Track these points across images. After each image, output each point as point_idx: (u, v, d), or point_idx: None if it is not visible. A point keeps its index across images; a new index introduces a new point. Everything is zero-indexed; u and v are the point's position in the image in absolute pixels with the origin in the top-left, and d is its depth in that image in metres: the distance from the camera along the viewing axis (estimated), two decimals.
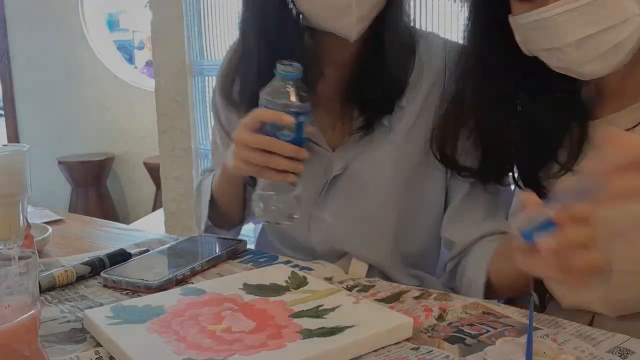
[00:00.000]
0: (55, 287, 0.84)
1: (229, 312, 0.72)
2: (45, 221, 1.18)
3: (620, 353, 0.64)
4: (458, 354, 0.65)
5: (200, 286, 0.80)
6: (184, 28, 2.71)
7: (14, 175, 0.83)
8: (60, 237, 1.08)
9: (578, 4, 0.73)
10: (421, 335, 0.69)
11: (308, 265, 0.92)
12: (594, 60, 0.75)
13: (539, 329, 0.70)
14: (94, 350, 0.66)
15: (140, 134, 4.00)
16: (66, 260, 0.95)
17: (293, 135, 0.89)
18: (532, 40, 0.79)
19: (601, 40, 0.74)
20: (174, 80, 2.77)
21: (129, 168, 4.11)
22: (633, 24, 0.73)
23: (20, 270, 0.50)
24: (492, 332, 0.69)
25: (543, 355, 0.62)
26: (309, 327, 0.67)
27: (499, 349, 0.64)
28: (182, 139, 2.81)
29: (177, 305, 0.74)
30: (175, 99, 2.79)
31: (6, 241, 0.84)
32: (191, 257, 0.92)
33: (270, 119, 0.87)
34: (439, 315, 0.74)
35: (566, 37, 0.75)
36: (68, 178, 4.06)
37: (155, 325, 0.68)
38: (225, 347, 0.63)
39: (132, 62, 4.02)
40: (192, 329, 0.67)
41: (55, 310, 0.77)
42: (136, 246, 1.00)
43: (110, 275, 0.85)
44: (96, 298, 0.81)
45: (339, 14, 0.89)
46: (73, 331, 0.71)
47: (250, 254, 0.99)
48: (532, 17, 0.77)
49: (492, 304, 0.78)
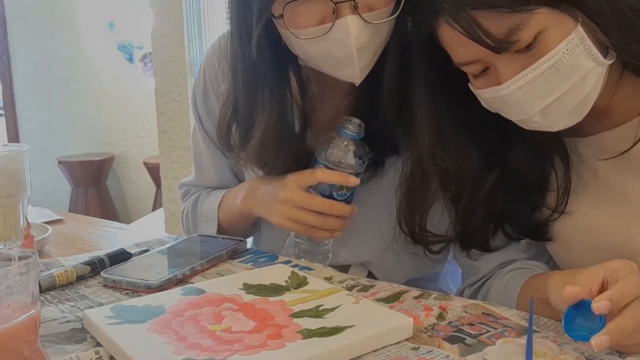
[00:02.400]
0: (55, 287, 0.84)
1: (229, 312, 0.72)
2: (45, 221, 1.18)
3: (620, 354, 0.64)
4: (458, 353, 0.65)
5: (200, 286, 0.80)
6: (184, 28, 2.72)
7: (14, 175, 0.83)
8: (60, 237, 1.08)
9: (530, 77, 0.71)
10: (421, 335, 0.69)
11: (308, 265, 0.92)
12: (564, 118, 0.75)
13: (538, 331, 0.70)
14: (94, 350, 0.66)
15: (140, 134, 4.00)
16: (66, 260, 0.95)
17: (349, 194, 0.89)
18: (497, 109, 0.78)
19: (565, 103, 0.73)
20: (174, 80, 2.78)
21: (129, 168, 4.11)
22: (593, 76, 0.71)
23: (20, 270, 0.50)
24: (492, 332, 0.69)
25: (543, 355, 0.62)
26: (309, 327, 0.67)
27: (499, 349, 0.64)
28: (182, 139, 2.81)
29: (177, 305, 0.74)
30: (175, 99, 2.79)
31: (6, 241, 0.84)
32: (191, 257, 0.92)
33: (336, 181, 0.86)
34: (439, 314, 0.74)
35: (529, 109, 0.73)
36: (68, 178, 4.06)
37: (155, 325, 0.68)
38: (225, 347, 0.63)
39: (132, 62, 4.02)
40: (192, 329, 0.67)
41: (55, 311, 0.77)
42: (136, 246, 1.00)
43: (110, 275, 0.85)
44: (96, 298, 0.81)
45: (341, 67, 0.84)
46: (73, 331, 0.71)
47: (250, 254, 0.99)
48: (490, 93, 0.75)
49: (492, 306, 0.78)
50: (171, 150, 2.84)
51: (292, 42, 0.85)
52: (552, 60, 0.70)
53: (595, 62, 0.71)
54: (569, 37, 0.69)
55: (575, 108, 0.74)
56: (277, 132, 0.92)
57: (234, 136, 0.97)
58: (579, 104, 0.73)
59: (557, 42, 0.69)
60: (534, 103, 0.73)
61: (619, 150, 0.78)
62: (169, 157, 2.86)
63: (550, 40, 0.69)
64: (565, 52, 0.69)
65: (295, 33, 0.81)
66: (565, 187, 0.84)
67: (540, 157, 0.85)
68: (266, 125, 0.91)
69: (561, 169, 0.85)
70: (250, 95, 0.92)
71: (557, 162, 0.85)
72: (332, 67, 0.85)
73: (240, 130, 0.96)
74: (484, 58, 0.73)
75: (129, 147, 4.07)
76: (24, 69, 4.36)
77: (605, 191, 0.81)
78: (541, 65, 0.70)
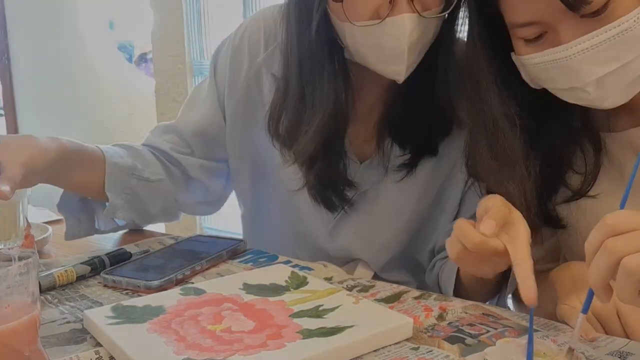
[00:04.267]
0: (55, 287, 0.84)
1: (229, 312, 0.72)
2: (45, 221, 1.17)
3: (619, 354, 0.64)
4: (458, 354, 0.65)
5: (200, 286, 0.80)
6: (184, 28, 2.72)
7: None
8: (60, 237, 1.07)
9: (596, 41, 0.68)
10: (421, 335, 0.69)
11: (308, 265, 0.92)
12: (616, 93, 0.72)
13: (538, 330, 0.70)
14: (94, 350, 0.66)
15: (140, 134, 3.99)
16: (66, 260, 0.95)
17: None
18: (544, 79, 0.75)
19: (623, 75, 0.70)
20: (174, 80, 2.78)
21: None
22: None
23: (20, 270, 0.50)
24: (492, 333, 0.69)
25: (543, 355, 0.62)
26: (309, 327, 0.67)
27: (500, 350, 0.64)
28: None
29: (177, 305, 0.74)
30: (175, 99, 2.79)
31: (6, 241, 0.84)
32: (191, 257, 0.92)
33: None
34: (439, 315, 0.74)
35: (586, 76, 0.70)
36: None
37: (155, 325, 0.68)
38: (225, 347, 0.63)
39: (132, 62, 4.02)
40: (192, 329, 0.67)
41: (55, 312, 0.76)
42: (136, 246, 1.00)
43: (111, 275, 0.85)
44: (96, 298, 0.81)
45: (389, 62, 0.84)
46: (73, 332, 0.71)
47: (250, 254, 0.99)
48: (545, 57, 0.72)
49: (492, 307, 0.78)
50: None
51: (345, 32, 0.85)
52: (622, 27, 0.68)
53: None
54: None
55: (630, 83, 0.72)
56: (328, 126, 0.90)
57: (282, 125, 0.95)
58: (634, 79, 0.71)
59: (628, 11, 0.68)
60: (593, 70, 0.70)
61: None
62: None
63: (622, 7, 0.68)
64: (637, 21, 0.68)
65: (352, 20, 0.81)
66: (594, 170, 0.82)
67: (571, 139, 0.83)
68: (321, 117, 0.89)
69: (590, 153, 0.83)
70: (304, 84, 0.91)
71: (587, 146, 0.83)
72: (380, 62, 0.85)
73: (289, 121, 0.94)
74: (547, 19, 0.71)
75: None
76: (24, 69, 4.36)
77: (633, 190, 0.81)
78: (609, 30, 0.68)
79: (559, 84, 0.74)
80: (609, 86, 0.71)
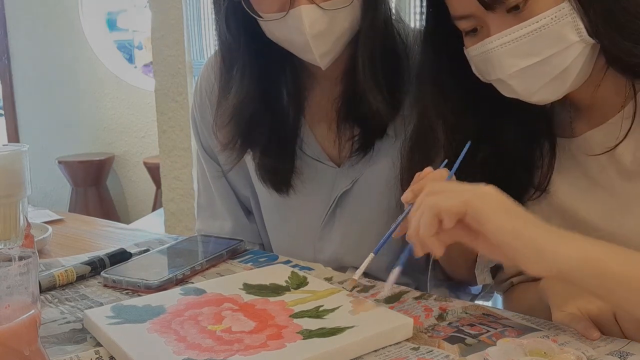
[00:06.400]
0: (55, 287, 0.84)
1: (229, 312, 0.72)
2: (45, 221, 1.17)
3: (619, 355, 0.64)
4: (458, 354, 0.65)
5: (200, 286, 0.80)
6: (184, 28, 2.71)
7: (14, 175, 0.83)
8: (60, 237, 1.08)
9: (515, 35, 0.72)
10: (421, 335, 0.69)
11: (308, 265, 0.92)
12: (541, 88, 0.75)
13: (539, 330, 0.70)
14: (94, 350, 0.66)
15: (140, 134, 4.00)
16: (66, 260, 0.95)
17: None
18: (482, 71, 0.79)
19: (543, 70, 0.74)
20: (174, 80, 2.77)
21: (129, 168, 4.11)
22: (575, 50, 0.72)
23: (20, 270, 0.50)
24: (493, 332, 0.69)
25: (543, 355, 0.62)
26: (309, 328, 0.67)
27: (501, 349, 0.64)
28: (182, 139, 2.81)
29: (177, 305, 0.74)
30: (175, 99, 2.79)
31: (6, 241, 0.84)
32: (191, 257, 0.92)
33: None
34: (439, 315, 0.74)
35: (507, 68, 0.74)
36: (68, 178, 4.06)
37: (155, 325, 0.68)
38: (225, 347, 0.63)
39: (132, 62, 4.02)
40: (192, 329, 0.67)
41: (56, 312, 0.76)
42: (136, 246, 1.00)
43: (111, 275, 0.85)
44: (96, 298, 0.81)
45: (302, 52, 0.88)
46: (73, 332, 0.71)
47: (250, 254, 0.99)
48: (478, 49, 0.77)
49: (492, 307, 0.78)
50: (171, 150, 2.84)
51: (262, 26, 0.89)
52: (540, 23, 0.72)
53: (579, 37, 0.72)
54: (560, 5, 0.71)
55: (554, 79, 0.74)
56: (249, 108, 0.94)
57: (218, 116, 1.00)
58: (558, 75, 0.74)
59: (547, 8, 0.71)
60: (514, 63, 0.74)
61: (605, 147, 0.78)
62: (169, 157, 2.86)
63: (540, 5, 0.71)
64: (554, 19, 0.71)
65: (262, 15, 0.86)
66: (549, 164, 0.84)
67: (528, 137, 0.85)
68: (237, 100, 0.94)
69: (546, 147, 0.85)
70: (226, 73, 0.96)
71: (543, 142, 0.85)
72: (296, 51, 0.89)
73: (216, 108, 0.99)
74: (477, 14, 0.75)
75: (129, 147, 4.07)
76: (24, 69, 4.36)
77: (594, 189, 0.82)
78: (528, 25, 0.72)
79: (490, 76, 0.78)
80: (530, 80, 0.75)
